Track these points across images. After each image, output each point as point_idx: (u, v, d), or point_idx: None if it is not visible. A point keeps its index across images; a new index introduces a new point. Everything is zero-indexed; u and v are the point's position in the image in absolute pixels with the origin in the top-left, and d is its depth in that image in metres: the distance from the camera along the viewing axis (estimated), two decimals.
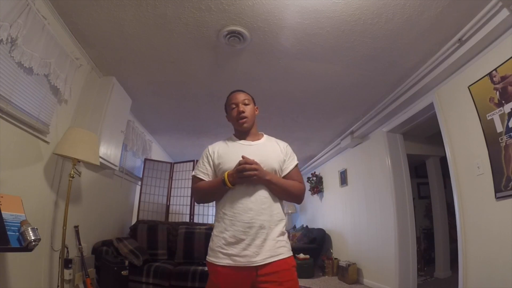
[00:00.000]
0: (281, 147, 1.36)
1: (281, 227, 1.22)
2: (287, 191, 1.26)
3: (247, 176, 1.16)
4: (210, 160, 1.33)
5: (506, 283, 1.79)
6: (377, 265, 3.61)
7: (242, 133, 1.38)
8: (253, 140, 1.36)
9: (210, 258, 1.19)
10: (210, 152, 1.35)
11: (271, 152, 1.32)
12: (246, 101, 1.35)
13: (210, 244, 1.23)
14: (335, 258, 4.49)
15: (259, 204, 1.19)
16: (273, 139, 1.42)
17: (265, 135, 1.42)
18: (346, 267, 3.95)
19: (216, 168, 1.30)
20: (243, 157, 1.18)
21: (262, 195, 1.21)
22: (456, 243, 2.32)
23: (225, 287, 1.13)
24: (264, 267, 1.13)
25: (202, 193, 1.31)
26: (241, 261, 1.13)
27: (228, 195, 1.23)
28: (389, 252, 3.33)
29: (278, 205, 1.26)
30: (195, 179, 1.34)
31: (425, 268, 4.33)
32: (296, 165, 1.36)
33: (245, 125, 1.33)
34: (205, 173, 1.32)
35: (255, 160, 1.19)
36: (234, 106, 1.35)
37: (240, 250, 1.13)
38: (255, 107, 1.42)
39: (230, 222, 1.18)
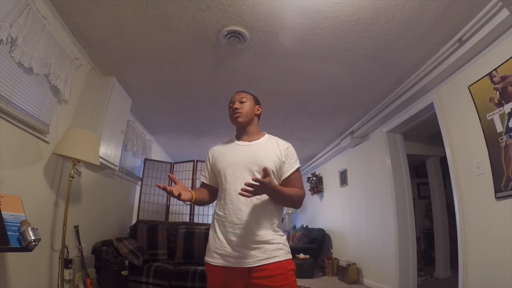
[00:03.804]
0: (280, 148, 1.29)
1: (274, 228, 1.18)
2: (286, 201, 1.24)
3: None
4: (209, 164, 1.38)
5: (506, 283, 1.79)
6: (377, 265, 3.61)
7: (240, 133, 1.37)
8: (250, 140, 1.33)
9: (206, 258, 1.21)
10: (209, 155, 1.39)
11: (267, 152, 1.27)
12: (243, 99, 1.35)
13: (207, 244, 1.24)
14: (335, 258, 4.49)
15: (250, 205, 1.18)
16: (274, 138, 1.36)
17: (267, 135, 1.38)
18: (346, 267, 3.95)
19: (213, 169, 1.33)
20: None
21: (254, 197, 1.15)
22: (456, 243, 2.32)
23: (219, 287, 1.15)
24: (257, 269, 1.11)
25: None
26: (233, 262, 1.13)
27: (222, 196, 1.25)
28: (389, 252, 3.33)
29: (271, 206, 1.21)
30: (201, 183, 1.41)
31: (425, 268, 4.33)
32: (298, 169, 1.28)
33: (239, 119, 1.32)
34: (204, 176, 1.39)
35: (247, 161, 1.23)
36: (231, 105, 1.37)
37: (231, 251, 1.14)
38: (257, 106, 1.40)
39: (221, 223, 1.20)
